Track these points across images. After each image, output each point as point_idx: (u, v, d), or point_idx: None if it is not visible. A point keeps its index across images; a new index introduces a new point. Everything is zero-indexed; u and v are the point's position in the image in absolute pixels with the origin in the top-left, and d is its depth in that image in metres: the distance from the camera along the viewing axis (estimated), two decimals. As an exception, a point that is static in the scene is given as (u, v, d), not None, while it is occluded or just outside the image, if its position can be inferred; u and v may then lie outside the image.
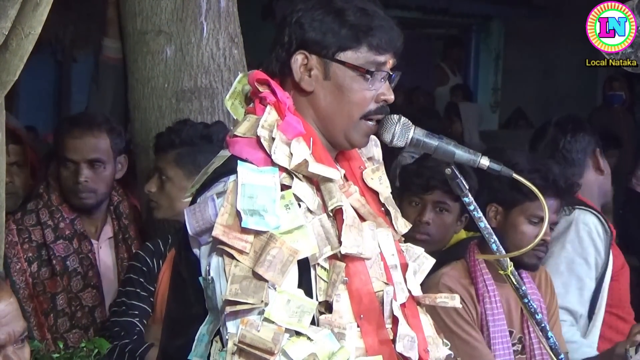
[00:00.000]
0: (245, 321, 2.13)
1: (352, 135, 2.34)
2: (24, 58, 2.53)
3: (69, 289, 3.68)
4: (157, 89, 3.92)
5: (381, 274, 2.33)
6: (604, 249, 3.92)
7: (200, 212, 2.22)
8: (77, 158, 3.70)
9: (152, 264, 3.46)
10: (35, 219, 3.71)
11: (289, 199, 2.20)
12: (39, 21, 2.50)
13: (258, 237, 2.16)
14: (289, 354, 2.12)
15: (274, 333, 2.12)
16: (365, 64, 2.31)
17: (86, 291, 3.68)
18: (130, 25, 3.97)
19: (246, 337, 2.11)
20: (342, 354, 2.17)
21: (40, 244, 3.68)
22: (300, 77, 2.31)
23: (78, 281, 3.69)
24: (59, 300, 3.66)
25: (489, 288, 3.31)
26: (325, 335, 2.18)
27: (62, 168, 3.73)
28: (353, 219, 2.28)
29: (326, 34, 2.30)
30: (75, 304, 3.67)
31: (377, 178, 2.46)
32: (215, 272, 2.18)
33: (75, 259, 3.70)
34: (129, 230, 3.86)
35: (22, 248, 3.65)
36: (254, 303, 2.12)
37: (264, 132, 2.25)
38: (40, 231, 3.69)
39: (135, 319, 3.41)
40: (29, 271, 3.63)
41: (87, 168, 3.70)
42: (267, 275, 2.13)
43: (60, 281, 3.66)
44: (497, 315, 3.32)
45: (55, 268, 3.66)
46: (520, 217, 3.33)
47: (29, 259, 3.65)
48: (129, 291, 3.44)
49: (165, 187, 3.47)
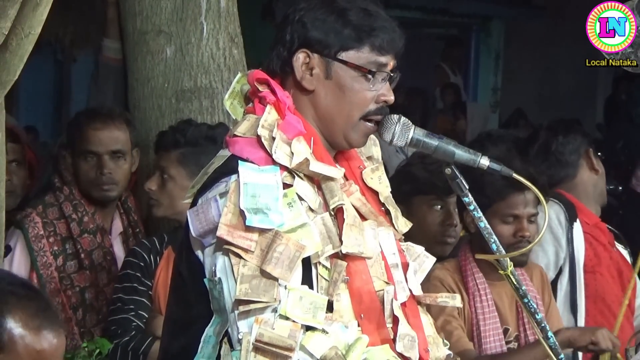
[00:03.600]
0: (260, 320, 2.13)
1: (351, 135, 2.35)
2: (24, 58, 2.53)
3: (96, 283, 3.66)
4: (157, 89, 3.92)
5: (382, 273, 2.34)
6: (564, 238, 3.92)
7: (204, 214, 2.22)
8: (99, 150, 3.68)
9: (149, 260, 3.46)
10: (58, 213, 3.67)
11: (291, 197, 2.21)
12: (39, 21, 2.50)
13: (263, 235, 2.16)
14: (309, 349, 2.13)
15: (289, 330, 2.13)
16: (367, 64, 2.31)
17: (110, 285, 3.65)
18: (130, 25, 3.98)
19: (264, 336, 2.12)
20: (359, 344, 2.18)
21: (65, 238, 3.65)
22: (301, 76, 2.32)
23: (103, 275, 3.68)
24: (87, 294, 3.64)
25: (479, 286, 3.31)
26: (339, 328, 2.19)
27: (82, 161, 3.70)
28: (354, 218, 2.28)
29: (329, 34, 2.30)
30: (102, 299, 3.66)
31: (377, 177, 2.46)
32: (222, 273, 2.18)
33: (100, 253, 3.69)
34: (139, 225, 3.86)
35: (48, 241, 3.62)
36: (267, 301, 2.13)
37: (264, 132, 2.25)
38: (64, 224, 3.66)
39: (131, 314, 3.40)
40: (55, 265, 3.61)
41: (110, 160, 3.68)
42: (276, 272, 2.13)
43: (88, 275, 3.65)
44: (489, 314, 3.32)
45: (83, 262, 3.64)
46: (494, 220, 3.24)
47: (55, 252, 3.62)
48: (126, 287, 3.44)
49: (167, 186, 3.46)
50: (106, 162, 3.67)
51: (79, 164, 3.72)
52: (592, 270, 4.00)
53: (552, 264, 3.94)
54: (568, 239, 3.95)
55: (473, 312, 3.31)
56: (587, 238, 4.02)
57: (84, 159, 3.70)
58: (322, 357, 2.14)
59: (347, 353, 2.17)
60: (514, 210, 3.31)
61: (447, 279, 3.32)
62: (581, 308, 3.96)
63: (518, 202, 3.30)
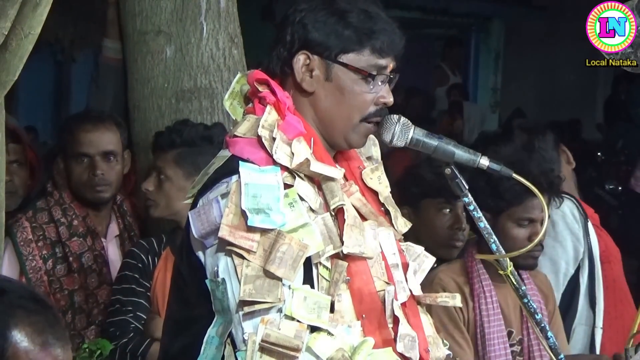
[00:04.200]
0: (266, 320, 2.13)
1: (351, 136, 2.35)
2: (23, 58, 2.53)
3: (86, 286, 3.67)
4: (157, 89, 3.92)
5: (382, 273, 2.34)
6: (582, 232, 3.94)
7: (205, 215, 2.22)
8: (91, 151, 3.70)
9: (147, 261, 3.47)
10: (48, 217, 3.70)
11: (292, 197, 2.21)
12: (39, 21, 2.50)
13: (265, 235, 2.16)
14: (315, 350, 2.13)
15: (295, 330, 2.13)
16: (367, 67, 2.32)
17: (101, 288, 3.67)
18: (130, 25, 3.97)
19: (270, 336, 2.12)
20: (365, 346, 2.19)
21: (54, 242, 3.67)
22: (301, 78, 2.32)
23: (94, 278, 3.69)
24: (76, 297, 3.65)
25: (485, 288, 3.30)
26: (343, 330, 2.20)
27: (74, 164, 3.72)
28: (354, 219, 2.29)
29: (329, 36, 2.31)
30: (92, 301, 3.67)
31: (376, 177, 2.46)
32: (225, 274, 2.18)
33: (90, 256, 3.70)
34: (134, 228, 3.87)
35: (37, 246, 3.64)
36: (272, 301, 2.13)
37: (264, 132, 2.26)
38: (54, 229, 3.68)
39: (129, 316, 3.41)
40: (44, 269, 3.62)
41: (102, 161, 3.70)
42: (279, 272, 2.13)
43: (77, 278, 3.66)
44: (493, 316, 3.31)
45: (72, 265, 3.65)
46: (509, 223, 3.28)
47: (44, 256, 3.64)
48: (125, 288, 3.45)
49: (164, 186, 3.46)
50: (98, 164, 3.69)
51: (71, 167, 3.74)
52: (607, 260, 4.03)
53: (571, 259, 3.94)
54: (584, 232, 3.96)
55: (477, 314, 3.30)
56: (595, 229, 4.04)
57: (76, 161, 3.72)
58: (329, 358, 2.14)
59: (352, 355, 2.17)
60: (530, 214, 3.31)
61: (450, 284, 3.29)
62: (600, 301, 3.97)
63: (534, 206, 3.30)
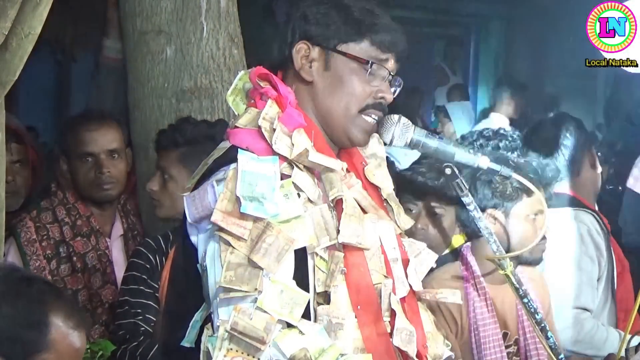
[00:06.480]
0: (239, 308, 2.13)
1: (351, 130, 2.35)
2: (24, 58, 2.53)
3: (90, 286, 3.68)
4: (157, 89, 3.92)
5: (381, 267, 2.34)
6: (604, 246, 3.93)
7: (200, 199, 2.24)
8: (96, 150, 3.72)
9: (155, 261, 3.44)
10: (52, 217, 3.71)
11: (288, 189, 2.21)
12: (39, 21, 2.50)
13: (256, 224, 2.16)
14: (280, 346, 2.13)
15: (266, 322, 2.13)
16: (366, 57, 2.33)
17: (105, 287, 3.69)
18: (130, 25, 3.97)
19: (238, 325, 2.12)
20: (332, 351, 2.17)
21: (58, 241, 3.68)
22: (300, 67, 2.33)
23: (97, 278, 3.70)
24: (80, 297, 3.66)
25: (479, 292, 3.29)
26: (317, 331, 2.18)
27: (79, 164, 3.73)
28: (353, 209, 2.29)
29: (329, 26, 2.33)
30: (96, 301, 3.68)
31: (380, 174, 2.47)
32: (210, 259, 2.19)
33: (94, 256, 3.71)
34: (137, 227, 3.87)
35: (40, 245, 3.65)
36: (247, 291, 2.13)
37: (265, 123, 2.27)
38: (58, 228, 3.69)
39: (138, 319, 3.39)
40: (48, 268, 3.63)
41: (107, 159, 3.72)
42: (263, 263, 2.14)
43: (81, 278, 3.66)
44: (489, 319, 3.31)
45: (76, 265, 3.66)
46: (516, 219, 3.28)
47: (48, 256, 3.65)
48: (133, 289, 3.42)
49: (168, 186, 3.45)
50: (104, 162, 3.71)
51: (76, 167, 3.74)
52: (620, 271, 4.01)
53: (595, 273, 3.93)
54: (606, 246, 3.95)
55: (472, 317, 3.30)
56: None
57: (81, 161, 3.72)
58: (292, 356, 2.14)
59: (318, 357, 2.16)
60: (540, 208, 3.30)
61: None
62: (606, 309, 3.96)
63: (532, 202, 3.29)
